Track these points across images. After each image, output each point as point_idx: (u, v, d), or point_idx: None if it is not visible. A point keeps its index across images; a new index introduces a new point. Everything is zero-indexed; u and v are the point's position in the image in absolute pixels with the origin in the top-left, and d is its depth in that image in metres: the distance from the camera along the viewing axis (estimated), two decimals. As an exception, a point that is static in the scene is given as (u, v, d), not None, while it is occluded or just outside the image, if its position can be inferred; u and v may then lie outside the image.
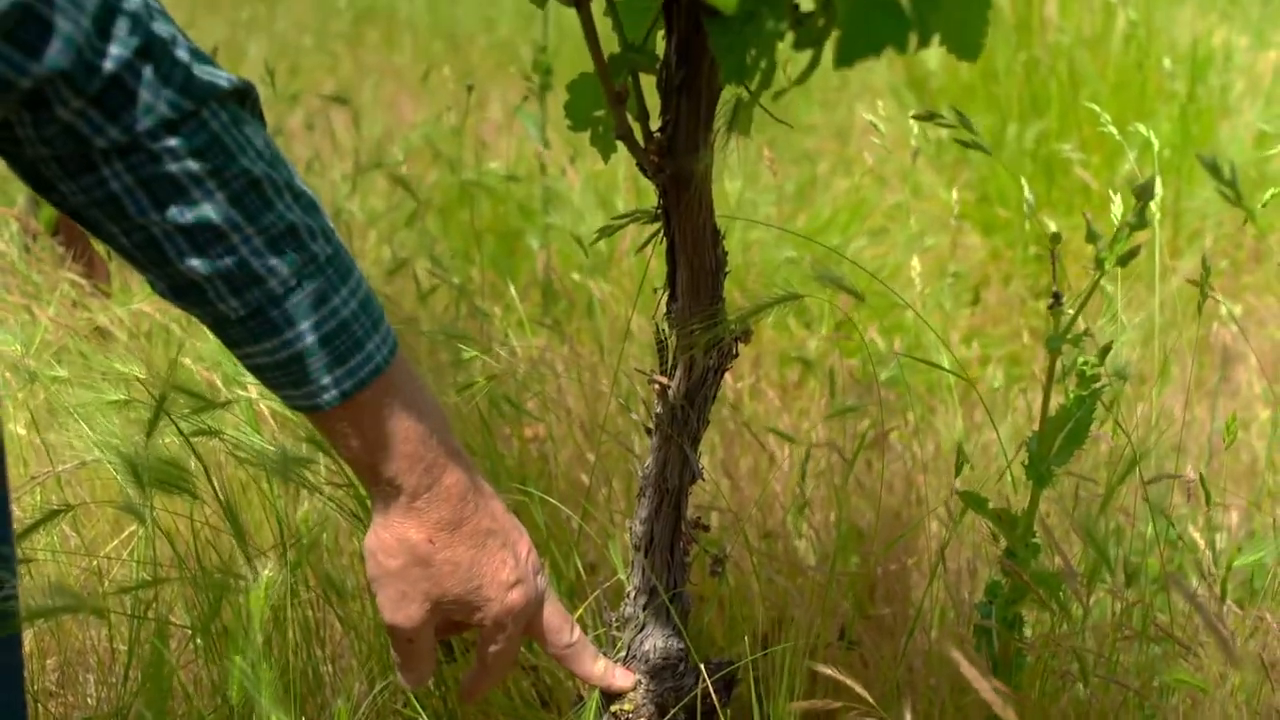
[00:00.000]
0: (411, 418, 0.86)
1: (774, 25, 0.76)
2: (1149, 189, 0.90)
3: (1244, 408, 2.12)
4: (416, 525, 0.88)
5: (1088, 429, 0.96)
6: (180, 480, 1.08)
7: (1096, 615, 1.29)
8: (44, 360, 1.41)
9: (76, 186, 0.75)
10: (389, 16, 5.42)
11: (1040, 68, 3.19)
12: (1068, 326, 0.92)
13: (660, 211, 0.99)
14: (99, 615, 0.88)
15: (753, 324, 1.00)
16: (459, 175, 2.24)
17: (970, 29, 0.75)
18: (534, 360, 1.74)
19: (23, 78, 0.67)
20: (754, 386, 1.85)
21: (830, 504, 1.47)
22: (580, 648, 0.99)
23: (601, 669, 1.01)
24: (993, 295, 2.58)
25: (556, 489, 1.45)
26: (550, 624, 0.97)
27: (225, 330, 0.82)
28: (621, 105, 0.92)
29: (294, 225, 0.78)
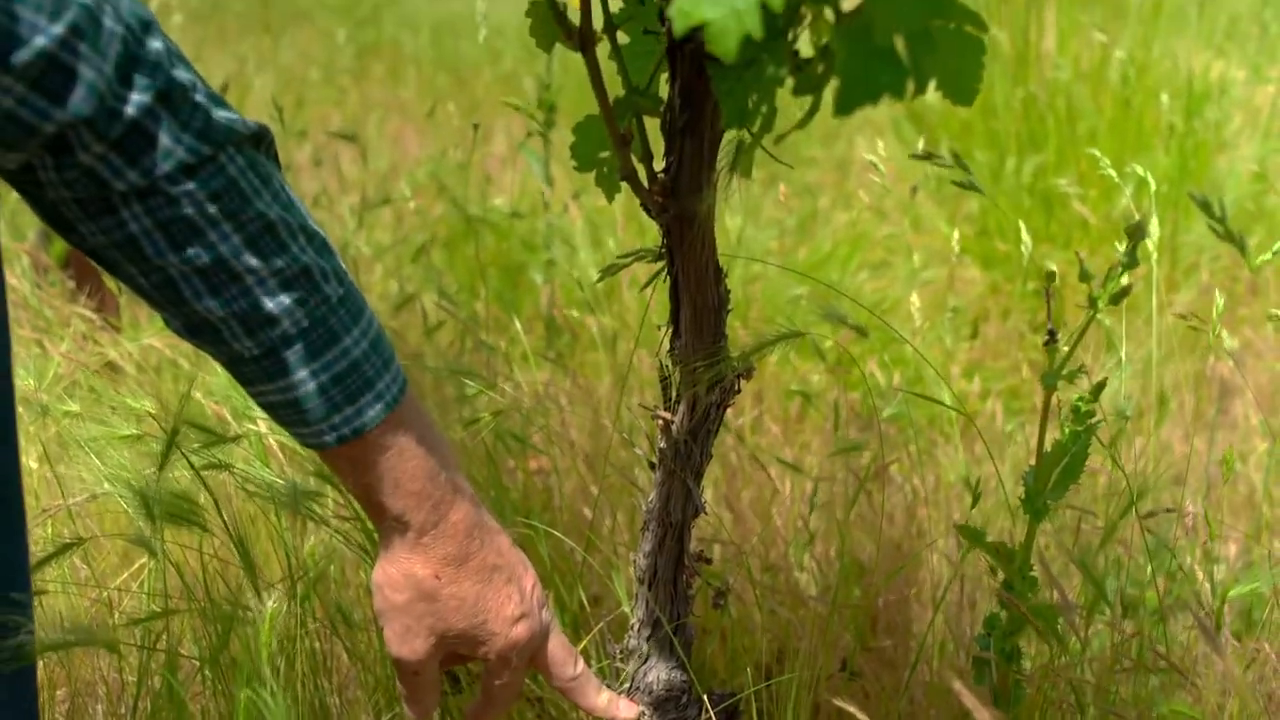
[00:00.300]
0: (419, 455, 0.88)
1: (775, 71, 0.78)
2: (1142, 229, 0.92)
3: (1242, 440, 2.14)
4: (423, 561, 0.90)
5: (1083, 464, 0.97)
6: (190, 513, 1.09)
7: (1096, 647, 1.31)
8: (56, 394, 1.43)
9: (96, 228, 0.77)
10: (394, 50, 5.46)
11: (1038, 103, 3.22)
12: (1063, 363, 0.94)
13: (664, 250, 1.01)
14: (111, 649, 0.89)
15: (755, 361, 1.01)
16: (464, 210, 2.26)
17: (965, 76, 0.77)
18: (538, 394, 1.76)
19: (47, 123, 0.70)
20: (756, 420, 1.86)
21: (832, 536, 1.49)
22: (584, 680, 1.00)
23: (605, 701, 1.02)
24: (992, 329, 2.59)
25: (561, 522, 1.46)
26: (555, 657, 0.98)
27: (239, 368, 0.84)
28: (626, 147, 0.94)
29: (307, 267, 0.81)
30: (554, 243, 2.23)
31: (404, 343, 1.94)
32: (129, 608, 1.34)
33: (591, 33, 0.91)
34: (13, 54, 0.66)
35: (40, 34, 0.67)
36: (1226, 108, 3.44)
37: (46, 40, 0.67)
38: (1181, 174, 3.06)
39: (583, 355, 2.10)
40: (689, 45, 0.88)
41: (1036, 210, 3.01)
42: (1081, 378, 0.92)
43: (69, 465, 1.42)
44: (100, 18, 0.70)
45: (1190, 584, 1.39)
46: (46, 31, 0.67)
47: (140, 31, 0.73)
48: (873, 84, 0.69)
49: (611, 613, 1.24)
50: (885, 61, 0.70)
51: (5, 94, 0.67)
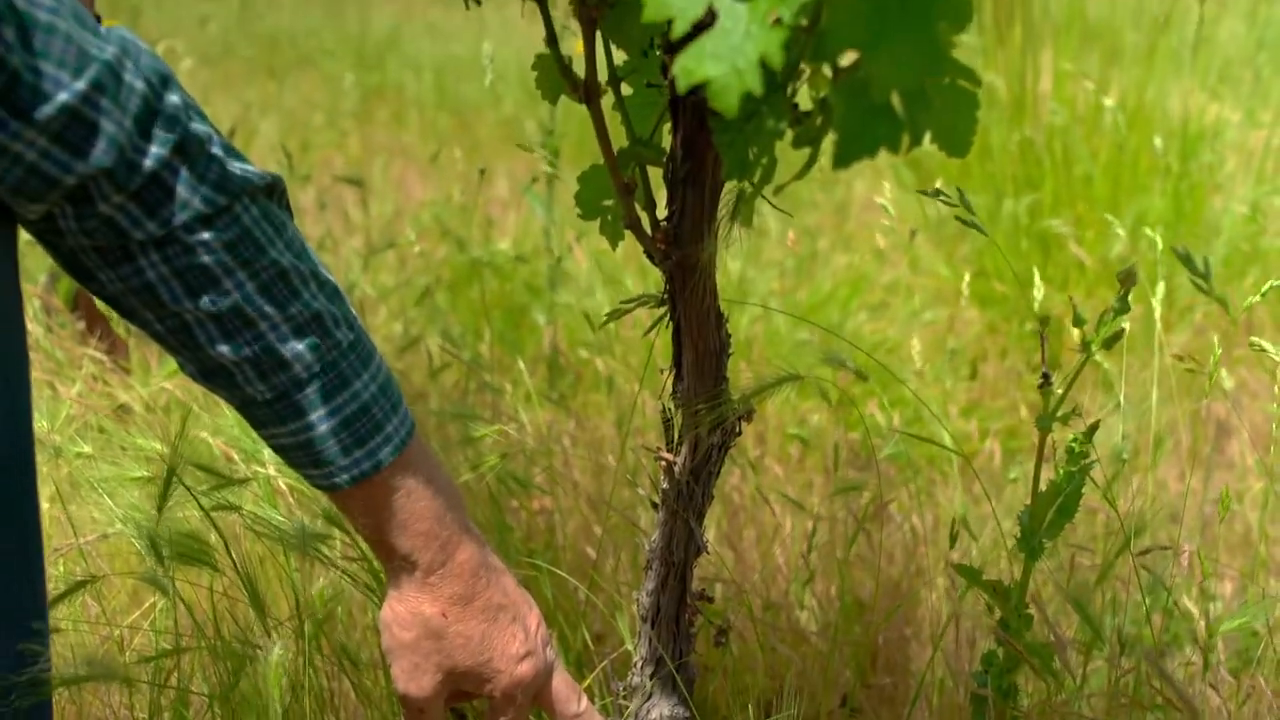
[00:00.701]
0: (427, 496, 0.90)
1: (774, 124, 0.81)
2: (1133, 275, 0.94)
3: (1238, 479, 2.15)
4: (430, 600, 0.92)
5: (1077, 504, 0.99)
6: (200, 553, 1.11)
7: (1095, 684, 1.32)
8: (68, 436, 1.45)
9: (114, 275, 0.79)
10: (397, 93, 5.52)
11: (1035, 147, 3.25)
12: (1057, 405, 0.96)
13: (666, 296, 1.03)
14: (126, 683, 0.91)
15: (755, 403, 1.04)
16: (468, 253, 2.29)
17: (960, 129, 0.79)
18: (541, 435, 1.78)
19: (69, 175, 0.72)
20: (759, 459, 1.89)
21: (832, 575, 1.50)
22: (588, 717, 1.02)
23: None
24: (990, 369, 2.62)
25: (564, 561, 1.48)
26: (559, 694, 1.00)
27: (252, 412, 0.86)
28: (630, 196, 0.97)
29: (319, 313, 0.83)
30: (558, 285, 2.26)
31: (409, 384, 1.96)
32: (139, 645, 1.35)
33: (596, 85, 0.94)
34: (37, 109, 0.69)
35: (64, 89, 0.70)
36: (1221, 150, 3.47)
37: (69, 96, 0.70)
38: (1177, 216, 3.09)
39: (585, 396, 2.12)
40: (691, 99, 0.90)
41: (1034, 252, 3.04)
42: (1077, 419, 0.95)
43: (80, 505, 1.44)
44: (121, 73, 0.73)
45: (1187, 622, 1.40)
46: (70, 87, 0.70)
47: (159, 86, 0.76)
48: (870, 138, 0.72)
49: (615, 650, 1.26)
50: (882, 116, 0.72)
51: (29, 147, 0.70)
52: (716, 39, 0.63)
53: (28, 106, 0.69)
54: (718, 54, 0.63)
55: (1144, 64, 3.49)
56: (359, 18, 7.54)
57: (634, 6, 0.93)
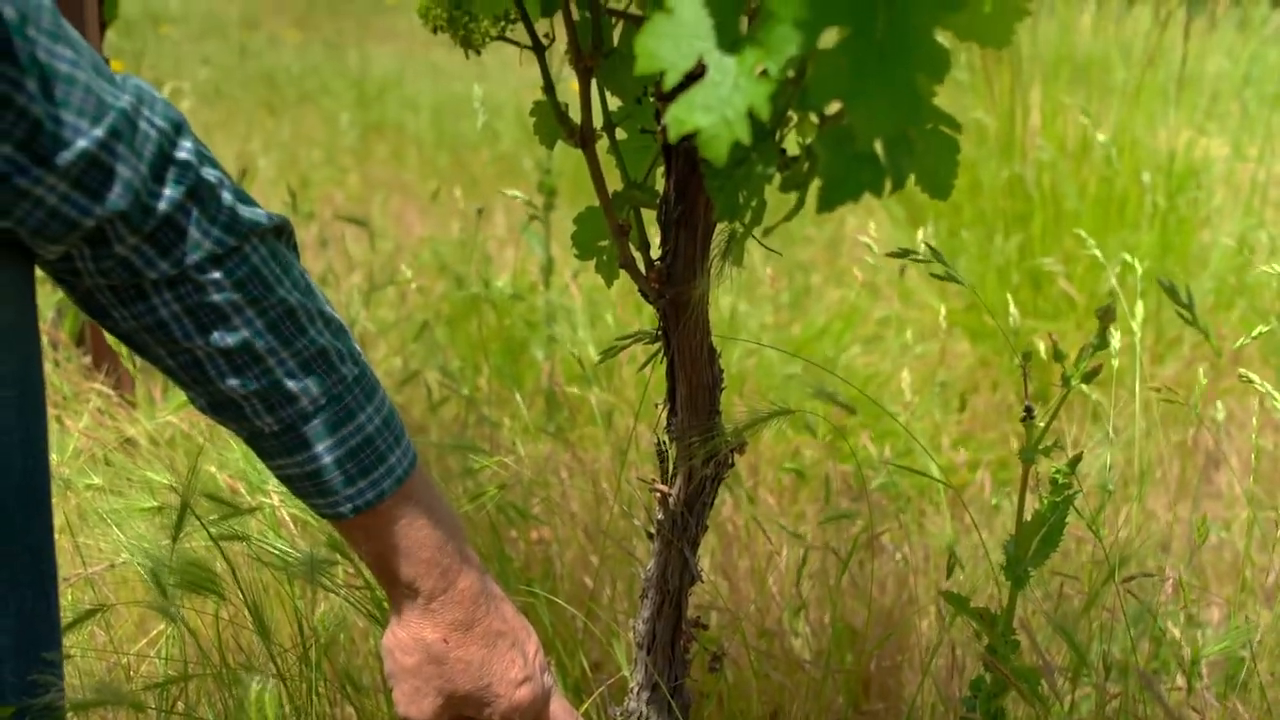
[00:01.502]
0: (429, 525, 0.93)
1: (763, 170, 0.84)
2: (1111, 312, 0.98)
3: (1226, 508, 2.19)
4: (432, 626, 0.95)
5: (1061, 533, 1.02)
6: (207, 581, 1.14)
7: (1083, 709, 1.35)
8: (77, 468, 1.48)
9: (128, 313, 0.83)
10: (396, 131, 5.57)
11: (1024, 182, 3.30)
12: (1039, 437, 1.00)
13: (660, 332, 1.06)
14: (137, 708, 0.93)
15: (747, 436, 1.07)
16: (466, 289, 2.32)
17: (941, 173, 0.83)
18: (539, 467, 1.81)
19: (87, 219, 0.76)
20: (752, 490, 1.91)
21: (825, 603, 1.53)
22: None
23: None
24: (981, 401, 2.65)
25: (562, 590, 1.51)
26: (557, 718, 1.03)
27: (259, 443, 0.90)
28: (624, 237, 1.00)
29: (324, 349, 0.87)
30: (555, 320, 2.30)
31: (409, 417, 1.99)
32: (146, 673, 1.38)
33: (592, 131, 0.97)
34: (57, 155, 0.73)
35: (83, 137, 0.74)
36: (1208, 184, 3.52)
37: (88, 143, 0.74)
38: (1164, 250, 3.13)
39: (582, 430, 2.15)
40: (683, 145, 0.94)
41: (1024, 286, 3.08)
42: (1060, 451, 0.98)
43: (88, 536, 1.46)
44: (137, 121, 0.77)
45: (1174, 648, 1.43)
46: (88, 134, 0.74)
47: (173, 133, 0.80)
48: (853, 183, 0.75)
49: (612, 677, 1.29)
50: (865, 162, 0.75)
51: (50, 192, 0.74)
52: (706, 91, 0.66)
53: (49, 153, 0.72)
54: (707, 105, 0.66)
55: (1131, 101, 3.54)
56: (359, 57, 7.60)
57: (627, 58, 0.97)
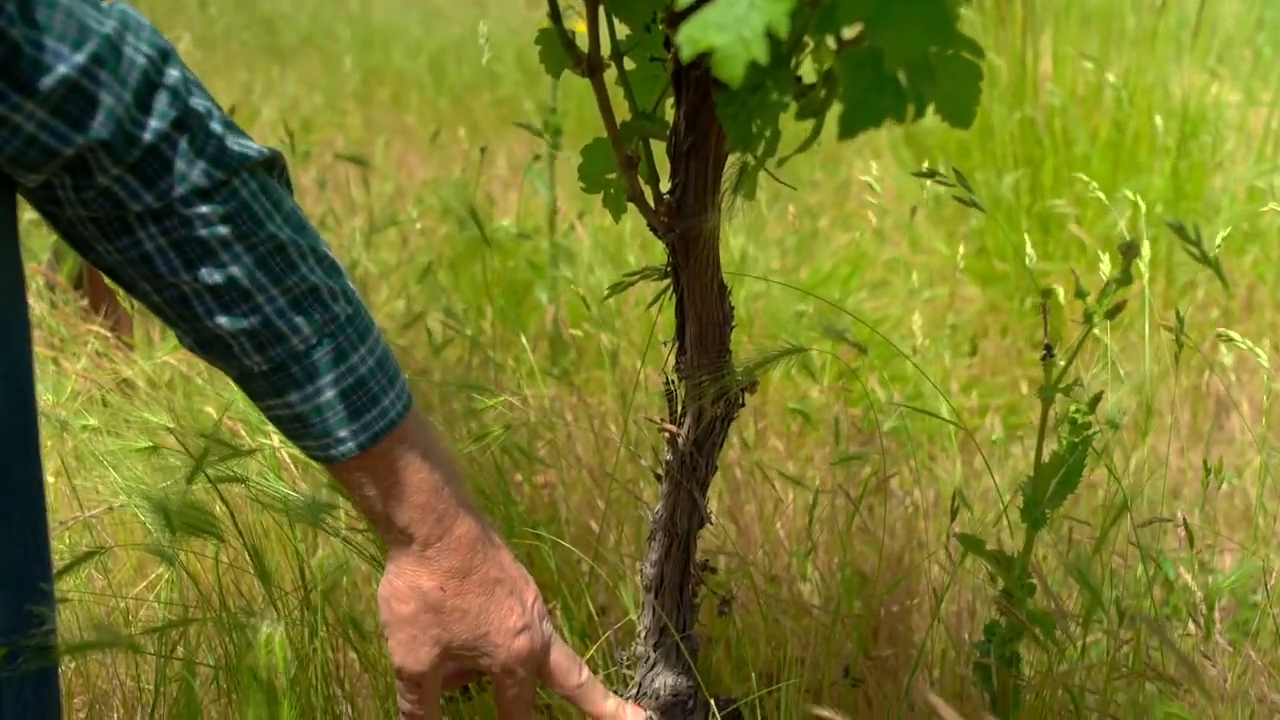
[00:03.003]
0: (425, 470, 0.90)
1: (778, 97, 0.81)
2: (1134, 248, 0.95)
3: (1238, 454, 2.16)
4: (428, 573, 0.92)
5: (1079, 474, 1.00)
6: (206, 524, 1.12)
7: (1094, 654, 1.33)
8: (73, 410, 1.46)
9: (112, 247, 0.80)
10: (398, 75, 5.51)
11: (1035, 126, 3.25)
12: (1059, 377, 0.97)
13: (669, 269, 1.04)
14: (135, 651, 0.92)
15: (758, 375, 1.04)
16: (469, 231, 2.29)
17: (963, 99, 0.80)
18: (544, 409, 1.79)
19: (67, 147, 0.73)
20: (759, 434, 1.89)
21: (834, 548, 1.51)
22: (589, 687, 1.02)
23: (613, 706, 1.04)
24: (991, 346, 2.62)
25: (568, 534, 1.49)
26: (559, 667, 1.01)
27: (249, 383, 0.87)
28: (633, 169, 0.97)
29: (316, 287, 0.84)
30: (561, 261, 2.27)
31: (412, 360, 1.97)
32: (145, 616, 1.37)
33: (599, 59, 0.94)
34: (37, 81, 0.70)
35: (63, 62, 0.71)
36: (1220, 130, 3.48)
37: (69, 68, 0.71)
38: (1177, 195, 3.09)
39: (588, 372, 2.13)
40: (695, 71, 0.91)
41: (1034, 230, 3.04)
42: (1079, 390, 0.95)
43: (85, 478, 1.45)
44: (121, 47, 0.74)
45: (1185, 595, 1.41)
46: (69, 60, 0.71)
47: (159, 61, 0.77)
48: (875, 109, 0.72)
49: (619, 621, 1.27)
50: (886, 87, 0.72)
51: (28, 119, 0.71)
52: (721, 9, 0.63)
53: (28, 79, 0.70)
54: (723, 23, 0.63)
55: (1144, 46, 3.49)
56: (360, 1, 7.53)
57: (638, -21, 0.94)
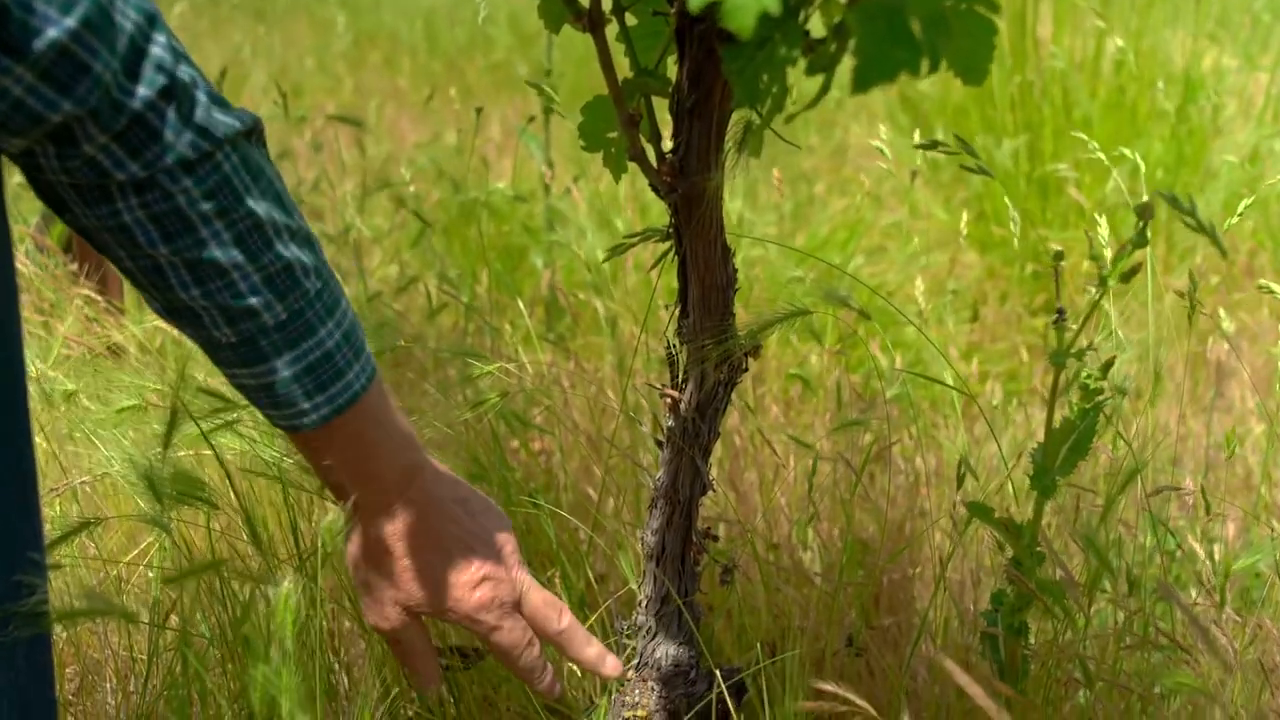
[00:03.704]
0: (381, 439, 0.93)
1: (787, 52, 0.79)
2: (1149, 209, 0.92)
3: (1238, 422, 2.15)
4: (380, 536, 0.95)
5: (1090, 441, 0.98)
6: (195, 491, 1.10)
7: (1098, 624, 1.32)
8: (61, 374, 1.43)
9: (90, 213, 0.79)
10: (390, 38, 5.46)
11: (1034, 90, 3.22)
12: (1071, 342, 0.95)
13: (671, 230, 1.01)
14: (128, 619, 0.90)
15: (762, 338, 1.02)
16: (464, 194, 2.26)
17: (977, 55, 0.78)
18: (540, 375, 1.76)
19: (53, 113, 0.71)
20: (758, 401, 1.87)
21: (836, 517, 1.50)
22: (572, 632, 1.03)
23: (594, 654, 1.04)
24: (990, 313, 2.60)
25: (565, 502, 1.47)
26: (538, 612, 1.01)
27: (215, 352, 0.88)
28: (634, 128, 0.95)
29: (290, 264, 0.84)
30: (556, 226, 2.24)
31: (406, 325, 1.95)
32: (138, 585, 1.34)
33: (601, 14, 0.91)
34: (26, 44, 0.68)
35: (53, 25, 0.69)
36: (1220, 95, 3.45)
37: (58, 32, 0.69)
38: (1177, 161, 3.07)
39: (585, 338, 2.11)
40: (699, 26, 0.88)
41: (1033, 196, 3.02)
42: (1090, 355, 0.93)
43: (75, 445, 1.42)
44: (111, 13, 0.72)
45: (1191, 562, 1.40)
46: (59, 24, 0.69)
47: (148, 28, 0.75)
48: (889, 62, 0.70)
49: (618, 590, 1.25)
50: (900, 40, 0.70)
51: (16, 83, 0.69)
52: (732, -45, 0.61)
53: (17, 42, 0.68)
54: (733, -27, 0.61)
55: (1143, 10, 3.46)
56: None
57: (642, -73, 0.91)
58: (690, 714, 1.08)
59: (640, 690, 1.08)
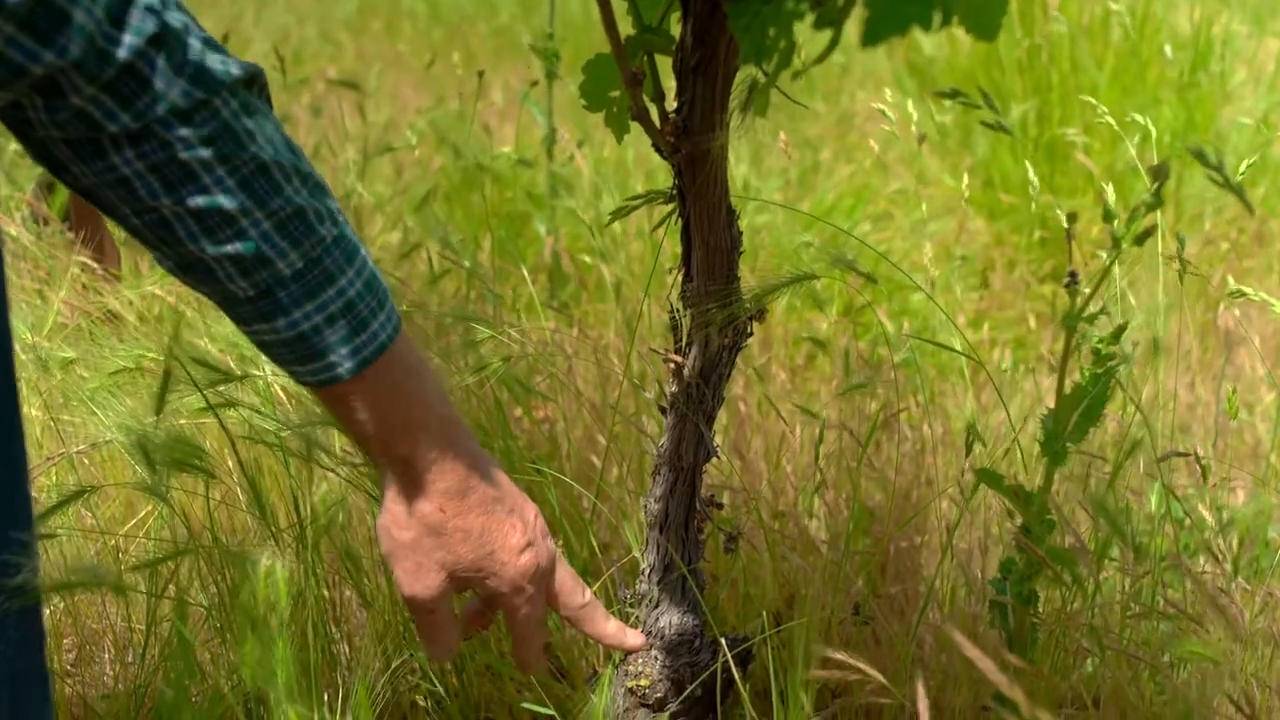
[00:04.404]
0: (416, 392, 0.88)
1: (794, 5, 0.77)
2: (1164, 170, 0.90)
3: (1248, 390, 2.13)
4: (426, 496, 0.90)
5: (1102, 407, 0.96)
6: (194, 459, 1.08)
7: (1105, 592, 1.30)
8: (57, 342, 1.42)
9: (88, 169, 0.76)
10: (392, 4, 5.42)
11: (1041, 55, 3.19)
12: (1084, 305, 0.93)
13: (675, 192, 0.99)
14: (119, 591, 0.88)
15: (767, 302, 1.00)
16: (466, 160, 2.24)
17: (990, 10, 0.76)
18: (544, 342, 1.75)
19: (35, 65, 0.69)
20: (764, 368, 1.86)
21: (842, 484, 1.48)
22: (593, 608, 1.01)
23: (614, 628, 1.02)
24: (998, 280, 2.58)
25: (568, 470, 1.45)
26: (563, 586, 0.99)
27: (233, 308, 0.84)
28: (638, 86, 0.93)
29: (301, 209, 0.80)
30: (559, 191, 2.21)
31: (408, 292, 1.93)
32: (135, 555, 1.33)
33: (604, -32, 0.89)
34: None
35: None
36: (1230, 61, 3.41)
37: None
38: (1186, 126, 3.04)
39: (588, 305, 2.09)
40: (704, -21, 0.86)
41: (1041, 161, 2.99)
42: (1106, 318, 0.91)
43: (71, 413, 1.41)
44: None
45: (1200, 530, 1.38)
46: None
47: None
48: (900, 15, 0.68)
49: (622, 559, 1.24)
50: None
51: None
52: (740, -100, 0.58)
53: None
54: (741, -83, 0.59)
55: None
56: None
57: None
58: (695, 683, 1.07)
59: (644, 659, 1.07)
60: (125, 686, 1.22)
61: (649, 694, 1.06)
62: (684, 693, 1.07)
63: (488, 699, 1.27)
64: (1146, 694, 1.13)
